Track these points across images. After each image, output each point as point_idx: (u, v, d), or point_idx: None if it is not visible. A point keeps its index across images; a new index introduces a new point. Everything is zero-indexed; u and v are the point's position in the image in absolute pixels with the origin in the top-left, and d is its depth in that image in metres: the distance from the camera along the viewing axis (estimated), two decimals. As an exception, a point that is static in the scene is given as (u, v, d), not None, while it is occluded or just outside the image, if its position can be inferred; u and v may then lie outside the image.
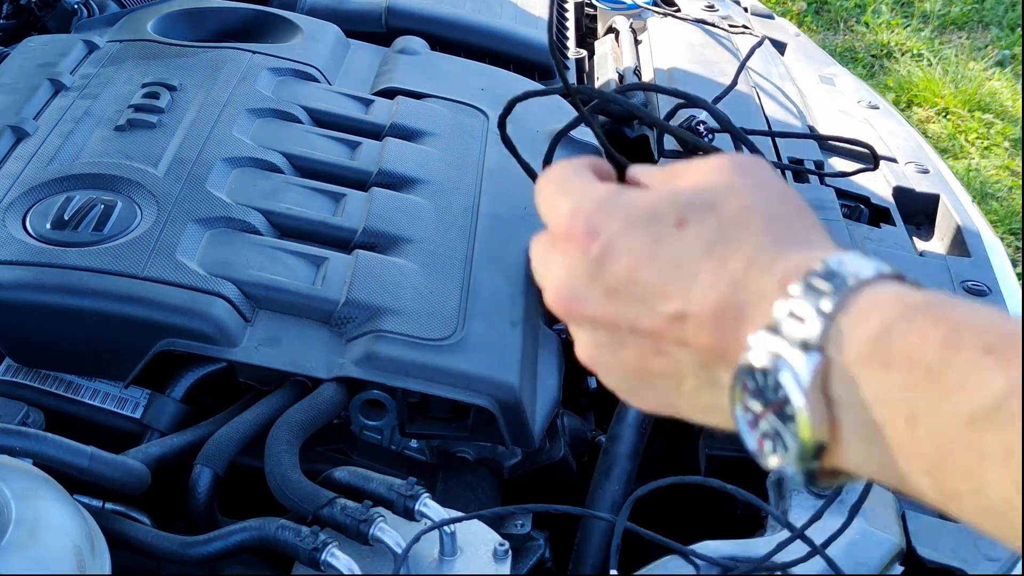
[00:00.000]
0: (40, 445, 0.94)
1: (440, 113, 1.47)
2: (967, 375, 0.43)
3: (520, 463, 1.15)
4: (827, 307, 0.48)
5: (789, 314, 0.49)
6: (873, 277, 0.49)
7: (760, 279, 0.51)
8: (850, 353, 0.47)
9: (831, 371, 0.48)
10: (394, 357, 1.06)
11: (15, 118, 1.32)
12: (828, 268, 0.49)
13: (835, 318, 0.48)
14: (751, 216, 0.53)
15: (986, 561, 0.99)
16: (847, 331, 0.47)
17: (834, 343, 0.48)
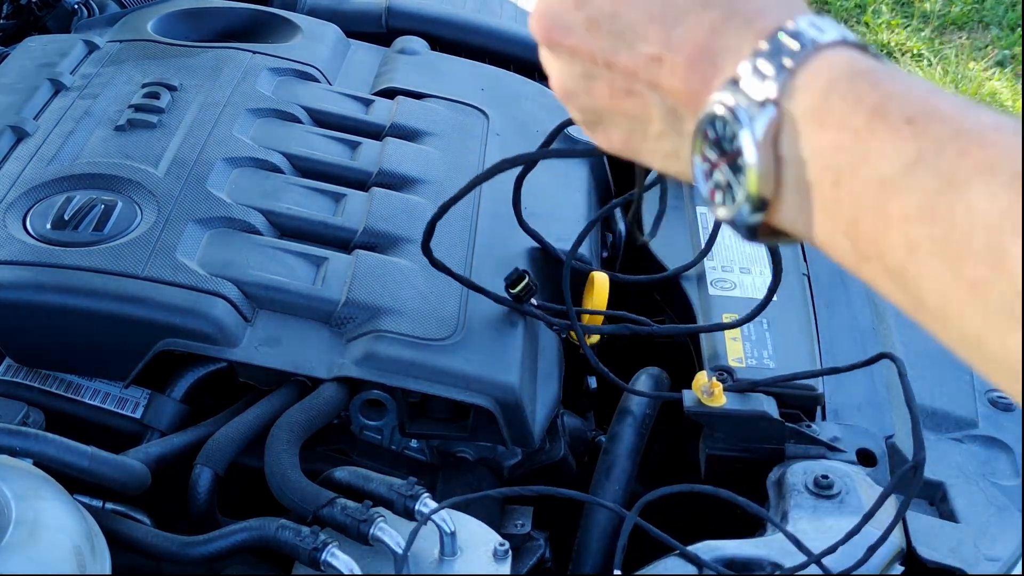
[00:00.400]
0: (40, 445, 0.94)
1: (440, 113, 1.47)
2: (885, 142, 0.45)
3: (520, 463, 1.15)
4: (788, 63, 0.50)
5: (754, 69, 0.51)
6: (836, 40, 0.50)
7: (739, 31, 0.52)
8: (796, 110, 0.49)
9: (782, 126, 0.49)
10: (394, 357, 1.06)
11: (15, 118, 1.32)
12: (798, 28, 0.51)
13: (794, 73, 0.49)
14: None
15: (986, 561, 0.99)
16: (799, 87, 0.49)
17: (787, 98, 0.49)
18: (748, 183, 0.50)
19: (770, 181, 0.50)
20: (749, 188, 0.50)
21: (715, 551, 0.95)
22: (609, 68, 0.57)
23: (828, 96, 0.48)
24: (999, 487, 1.07)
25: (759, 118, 0.50)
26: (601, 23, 0.56)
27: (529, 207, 1.21)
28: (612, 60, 0.57)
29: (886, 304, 1.26)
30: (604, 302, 1.22)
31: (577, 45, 0.58)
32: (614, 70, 0.57)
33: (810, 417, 1.13)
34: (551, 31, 0.59)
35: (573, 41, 0.58)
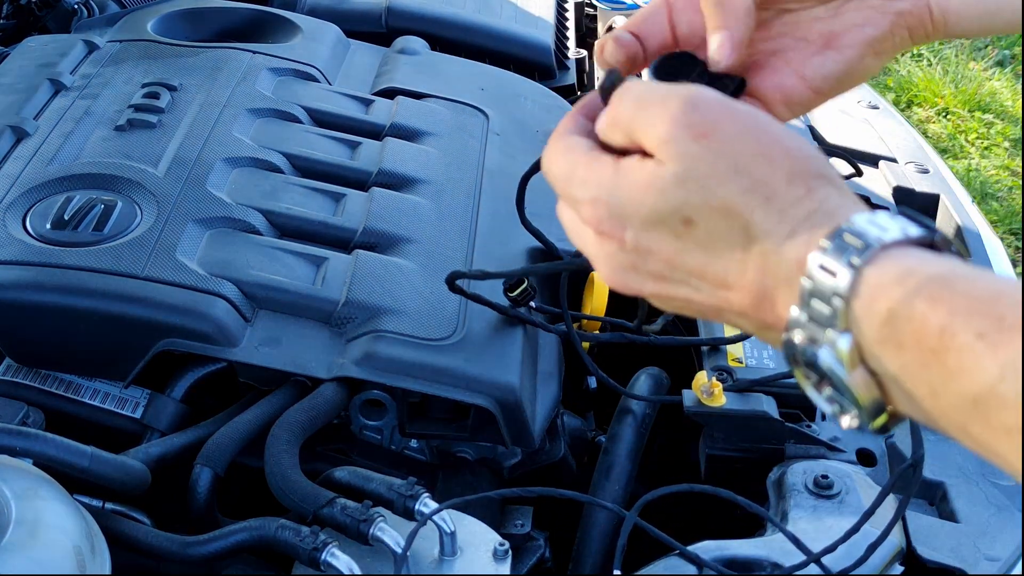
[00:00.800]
0: (40, 445, 0.94)
1: (440, 113, 1.47)
2: (963, 360, 0.45)
3: (520, 463, 1.15)
4: (842, 288, 0.50)
5: (811, 294, 0.51)
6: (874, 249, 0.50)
7: (779, 265, 0.53)
8: (869, 336, 0.49)
9: (863, 349, 0.50)
10: (394, 357, 1.06)
11: (15, 118, 1.32)
12: (834, 244, 0.51)
13: (850, 302, 0.50)
14: (747, 198, 0.54)
15: (986, 561, 0.99)
16: (862, 315, 0.49)
17: (855, 325, 0.50)
18: (857, 398, 0.51)
19: (875, 391, 0.51)
20: (861, 402, 0.51)
21: (715, 551, 0.95)
22: (689, 301, 0.59)
23: (895, 323, 0.48)
24: (999, 487, 1.07)
25: (839, 344, 0.50)
26: (665, 274, 0.58)
27: (530, 207, 1.21)
28: (689, 298, 0.58)
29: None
30: (604, 302, 1.22)
31: (653, 292, 0.60)
32: (693, 302, 0.58)
33: (810, 417, 1.13)
34: (625, 287, 0.60)
35: (648, 290, 0.60)
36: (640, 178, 0.56)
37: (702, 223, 0.55)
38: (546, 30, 1.81)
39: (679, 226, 0.55)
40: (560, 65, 1.79)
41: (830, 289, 0.50)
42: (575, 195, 0.60)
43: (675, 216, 0.55)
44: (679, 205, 0.55)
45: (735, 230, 0.54)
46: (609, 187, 0.58)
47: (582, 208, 0.59)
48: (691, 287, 0.57)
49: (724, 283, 0.55)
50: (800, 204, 0.53)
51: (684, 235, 0.55)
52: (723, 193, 0.54)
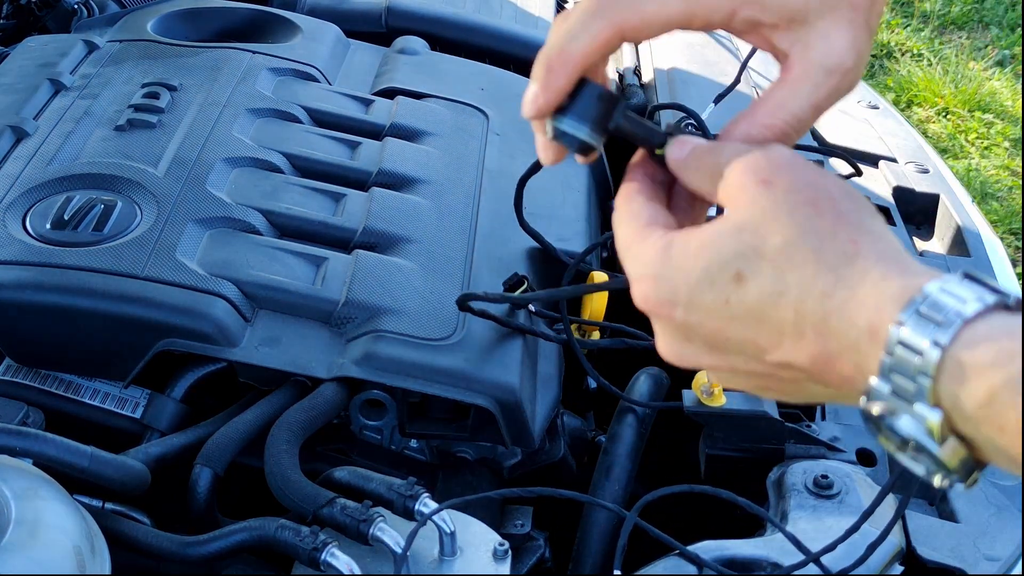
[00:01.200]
0: (40, 445, 0.94)
1: (440, 113, 1.47)
2: None
3: (520, 463, 1.15)
4: (929, 368, 0.49)
5: (893, 369, 0.50)
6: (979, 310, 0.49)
7: (844, 330, 0.51)
8: (963, 413, 0.48)
9: (953, 419, 0.49)
10: (394, 357, 1.06)
11: (15, 118, 1.32)
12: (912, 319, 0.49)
13: (939, 380, 0.49)
14: (797, 251, 0.53)
15: (986, 561, 0.99)
16: (954, 394, 0.48)
17: (947, 402, 0.49)
18: (947, 462, 0.50)
19: (964, 452, 0.50)
20: (950, 464, 0.50)
21: (715, 551, 0.95)
22: (748, 373, 0.58)
23: (997, 407, 0.47)
24: (999, 487, 1.07)
25: (929, 419, 0.49)
26: (719, 345, 0.57)
27: (529, 207, 1.21)
28: (748, 369, 0.57)
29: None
30: (603, 304, 1.22)
31: (710, 364, 0.59)
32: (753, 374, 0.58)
33: (810, 417, 1.13)
34: (682, 362, 0.60)
35: (705, 363, 0.59)
36: (696, 240, 0.56)
37: (752, 278, 0.54)
38: (546, 30, 1.80)
39: (730, 285, 0.54)
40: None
41: (915, 368, 0.49)
42: (627, 269, 0.60)
43: (727, 271, 0.55)
44: (732, 256, 0.54)
45: (787, 286, 0.53)
46: (658, 263, 0.57)
47: (633, 286, 0.59)
48: (747, 355, 0.56)
49: (780, 347, 0.54)
50: (852, 262, 0.52)
51: (733, 298, 0.54)
52: (774, 241, 0.54)
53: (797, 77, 0.61)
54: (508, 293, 1.14)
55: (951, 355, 0.48)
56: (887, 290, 0.51)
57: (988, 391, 0.47)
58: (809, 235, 0.53)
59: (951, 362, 0.48)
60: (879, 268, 0.52)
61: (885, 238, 0.54)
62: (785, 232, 0.54)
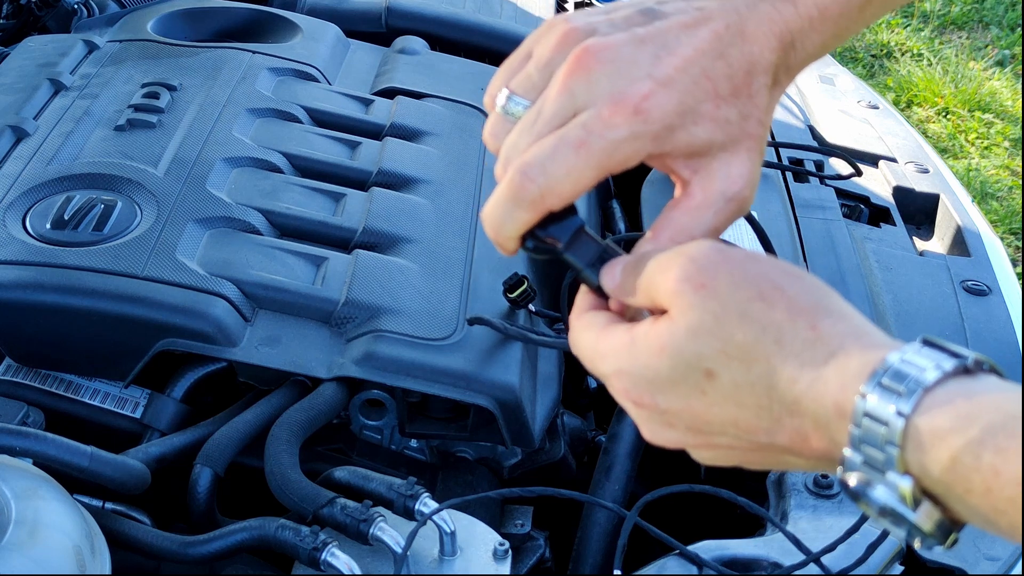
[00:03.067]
0: (40, 445, 0.94)
1: (440, 113, 1.47)
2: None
3: (520, 463, 1.15)
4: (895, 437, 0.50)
5: (862, 441, 0.52)
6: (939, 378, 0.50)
7: (816, 411, 0.53)
8: (931, 477, 0.50)
9: (924, 483, 0.51)
10: (394, 357, 1.06)
11: (15, 118, 1.32)
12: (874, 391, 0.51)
13: (906, 449, 0.50)
14: (760, 346, 0.55)
15: (986, 561, 0.99)
16: (921, 460, 0.50)
17: (915, 467, 0.50)
18: (921, 527, 0.52)
19: (938, 515, 0.51)
20: (925, 529, 0.51)
21: (715, 551, 0.95)
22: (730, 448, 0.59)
23: (959, 468, 0.48)
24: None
25: (900, 485, 0.51)
26: (701, 429, 0.58)
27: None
28: (730, 446, 0.59)
29: (886, 304, 1.26)
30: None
31: (693, 444, 0.60)
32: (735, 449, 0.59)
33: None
34: (667, 444, 0.61)
35: (688, 444, 0.60)
36: (654, 341, 0.58)
37: (724, 373, 0.56)
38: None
39: (702, 380, 0.56)
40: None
41: (883, 437, 0.51)
42: (600, 370, 0.61)
43: (695, 371, 0.56)
44: (696, 359, 0.56)
45: (757, 376, 0.55)
46: (627, 357, 0.59)
47: (610, 381, 0.61)
48: (730, 435, 0.57)
49: (759, 429, 0.56)
50: (814, 347, 0.54)
51: (709, 389, 0.56)
52: (737, 340, 0.55)
53: (699, 205, 0.63)
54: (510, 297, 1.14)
55: (913, 424, 0.50)
56: (850, 367, 0.53)
57: (950, 456, 0.48)
58: (768, 330, 0.55)
59: (914, 430, 0.50)
60: (843, 347, 0.54)
61: (841, 316, 0.56)
62: (744, 332, 0.55)
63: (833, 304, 0.56)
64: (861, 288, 1.27)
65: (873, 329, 0.56)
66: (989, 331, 1.25)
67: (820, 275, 1.33)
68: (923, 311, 1.27)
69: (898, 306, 1.27)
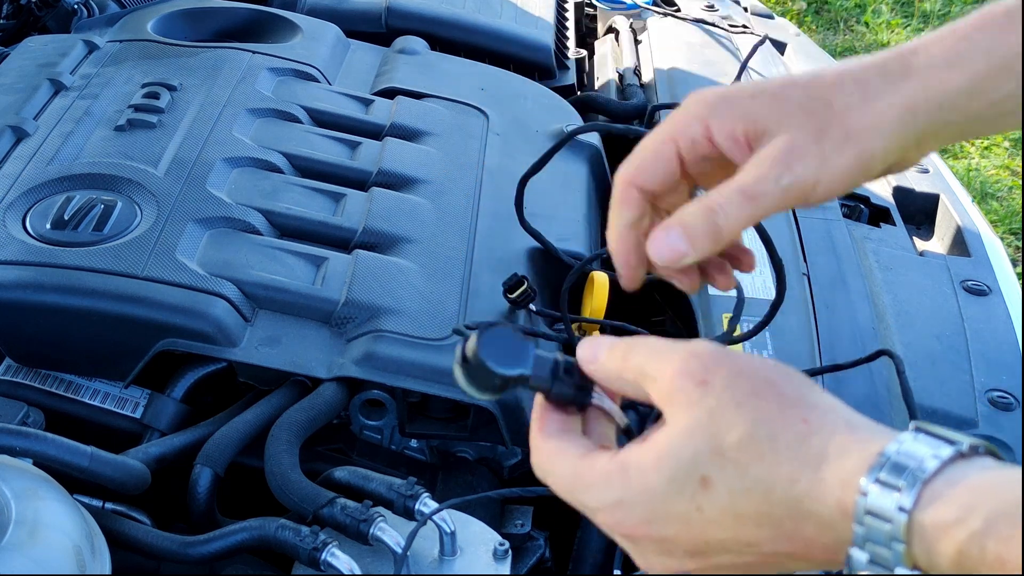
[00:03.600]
0: (40, 445, 0.94)
1: (440, 113, 1.47)
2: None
3: (520, 463, 1.15)
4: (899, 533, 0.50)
5: (866, 539, 0.51)
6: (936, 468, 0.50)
7: (818, 512, 0.53)
8: (940, 569, 0.49)
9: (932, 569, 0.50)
10: (394, 357, 1.06)
11: (15, 118, 1.32)
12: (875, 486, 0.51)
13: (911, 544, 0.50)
14: (754, 442, 0.54)
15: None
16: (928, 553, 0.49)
17: (922, 560, 0.50)
18: None
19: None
20: None
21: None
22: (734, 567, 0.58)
23: (965, 561, 0.48)
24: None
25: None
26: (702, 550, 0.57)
27: (529, 207, 1.21)
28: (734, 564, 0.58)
29: (886, 304, 1.26)
30: (604, 302, 1.21)
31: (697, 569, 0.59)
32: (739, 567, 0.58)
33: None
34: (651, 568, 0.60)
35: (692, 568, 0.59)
36: (650, 456, 0.57)
37: (719, 481, 0.55)
38: (546, 30, 1.81)
39: (699, 492, 0.55)
40: (560, 65, 1.79)
41: (887, 535, 0.50)
42: (586, 503, 0.60)
43: (691, 478, 0.55)
44: (692, 462, 0.55)
45: (753, 481, 0.54)
46: (620, 486, 0.58)
47: (598, 516, 0.60)
48: (732, 553, 0.57)
49: (762, 539, 0.55)
50: (807, 442, 0.54)
51: (705, 504, 0.55)
52: (730, 439, 0.55)
53: None
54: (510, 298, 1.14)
55: (916, 519, 0.50)
56: (847, 463, 0.52)
57: (956, 549, 0.48)
58: (761, 424, 0.55)
59: (918, 525, 0.50)
60: (835, 441, 0.53)
61: (830, 408, 0.56)
62: (738, 427, 0.55)
63: (820, 399, 0.57)
64: (861, 288, 1.27)
65: (860, 418, 0.56)
66: (989, 331, 1.25)
67: (820, 275, 1.34)
68: (923, 311, 1.27)
69: (898, 306, 1.27)
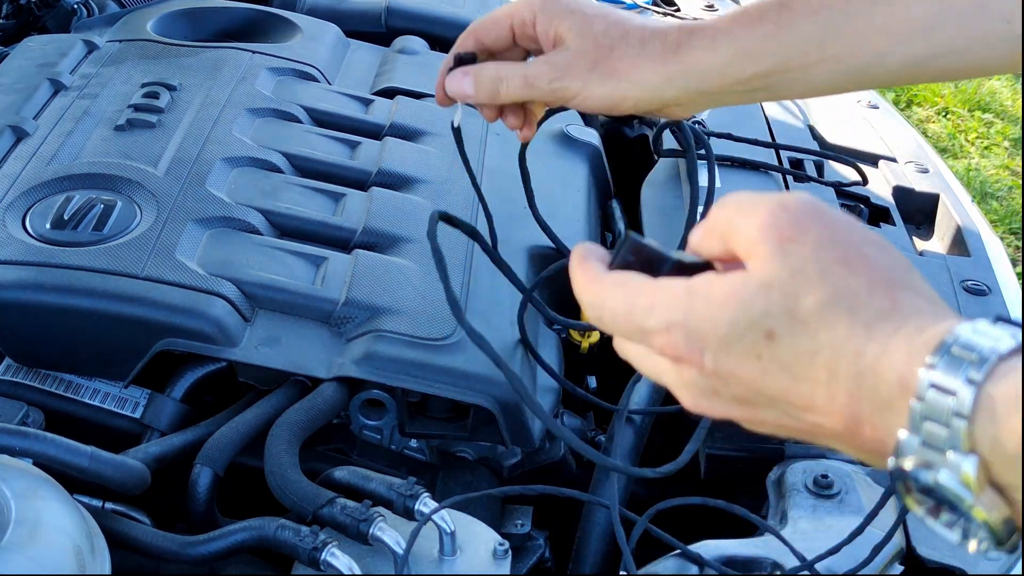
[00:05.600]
0: (40, 445, 0.94)
1: (440, 113, 1.47)
2: None
3: (520, 463, 1.15)
4: (964, 408, 0.46)
5: (924, 416, 0.47)
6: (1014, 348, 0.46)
7: (876, 388, 0.50)
8: (1001, 456, 0.45)
9: (992, 466, 0.46)
10: (394, 357, 1.06)
11: (15, 118, 1.32)
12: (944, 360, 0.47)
13: (975, 422, 0.46)
14: (832, 311, 0.51)
15: (986, 561, 0.99)
16: (991, 435, 0.46)
17: (982, 445, 0.46)
18: (987, 521, 0.47)
19: (1005, 510, 0.47)
20: (991, 524, 0.47)
21: (716, 551, 0.95)
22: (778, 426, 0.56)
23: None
24: (999, 487, 1.07)
25: (964, 468, 0.47)
26: (748, 398, 0.55)
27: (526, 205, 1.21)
28: (778, 423, 0.55)
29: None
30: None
31: (738, 416, 0.57)
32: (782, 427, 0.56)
33: (810, 416, 1.13)
34: (710, 413, 0.57)
35: (733, 415, 0.57)
36: (720, 292, 0.54)
37: (785, 337, 0.52)
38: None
39: (761, 341, 0.53)
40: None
41: (948, 410, 0.46)
42: (644, 325, 0.57)
43: (757, 329, 0.53)
44: (761, 315, 0.53)
45: (821, 345, 0.51)
46: (684, 309, 0.55)
47: (654, 337, 0.56)
48: (778, 410, 0.54)
49: (811, 407, 0.52)
50: (887, 318, 0.50)
51: (765, 354, 0.53)
52: (807, 303, 0.52)
53: None
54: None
55: (987, 393, 0.46)
56: (918, 339, 0.49)
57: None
58: (844, 296, 0.52)
59: (988, 401, 0.46)
60: (913, 321, 0.50)
61: (923, 291, 0.53)
62: (819, 293, 0.52)
63: (915, 280, 0.53)
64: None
65: (948, 309, 0.52)
66: (989, 331, 1.25)
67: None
68: (923, 311, 1.27)
69: (898, 306, 1.27)
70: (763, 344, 0.53)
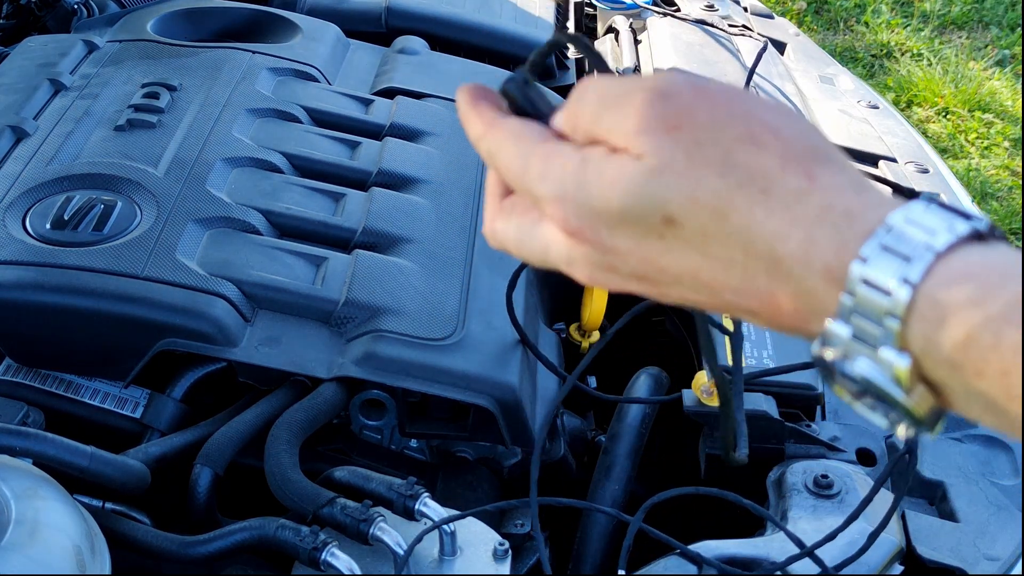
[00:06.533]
0: (40, 445, 0.94)
1: (440, 113, 1.47)
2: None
3: (520, 463, 1.14)
4: (899, 308, 0.43)
5: (855, 312, 0.44)
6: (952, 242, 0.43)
7: (802, 276, 0.46)
8: (935, 358, 0.43)
9: (923, 364, 0.44)
10: (394, 357, 1.06)
11: (15, 118, 1.32)
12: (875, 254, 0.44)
13: (909, 323, 0.43)
14: (741, 193, 0.46)
15: (986, 561, 0.99)
16: (926, 336, 0.43)
17: (916, 345, 0.44)
18: (913, 411, 0.45)
19: (932, 401, 0.45)
20: (916, 413, 0.45)
21: (715, 550, 0.95)
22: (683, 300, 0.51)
23: (973, 347, 0.42)
24: (999, 487, 1.07)
25: (897, 365, 0.44)
26: (649, 275, 0.50)
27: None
28: (683, 298, 0.50)
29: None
30: (603, 307, 1.22)
31: (638, 291, 0.52)
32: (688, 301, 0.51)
33: (810, 417, 1.13)
34: (607, 287, 0.52)
35: (632, 289, 0.52)
36: (609, 171, 0.48)
37: (689, 221, 0.47)
38: (546, 30, 1.81)
39: (660, 226, 0.48)
40: (560, 65, 1.79)
41: (881, 309, 0.44)
42: (534, 191, 0.51)
43: (653, 215, 0.47)
44: (656, 202, 0.47)
45: (734, 228, 0.46)
46: (573, 181, 0.49)
47: (545, 205, 0.51)
48: (684, 287, 0.50)
49: (725, 287, 0.48)
50: (806, 198, 0.46)
51: (669, 235, 0.48)
52: (711, 187, 0.46)
53: None
54: None
55: (924, 293, 0.43)
56: (848, 229, 0.45)
57: (966, 333, 0.42)
58: (756, 176, 0.46)
59: (924, 301, 0.43)
60: (839, 203, 0.45)
61: (840, 164, 0.47)
62: (726, 177, 0.46)
63: (830, 151, 0.48)
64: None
65: (868, 182, 0.47)
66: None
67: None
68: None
69: (898, 306, 1.27)
70: (663, 227, 0.48)
